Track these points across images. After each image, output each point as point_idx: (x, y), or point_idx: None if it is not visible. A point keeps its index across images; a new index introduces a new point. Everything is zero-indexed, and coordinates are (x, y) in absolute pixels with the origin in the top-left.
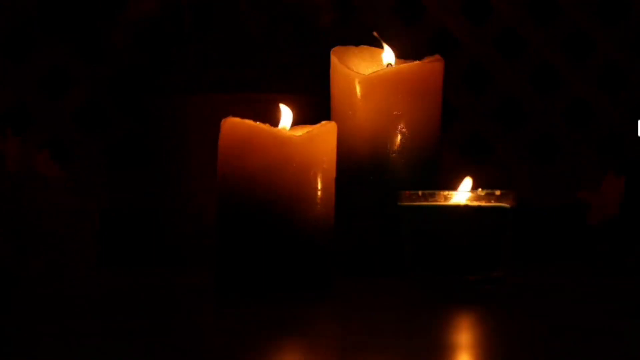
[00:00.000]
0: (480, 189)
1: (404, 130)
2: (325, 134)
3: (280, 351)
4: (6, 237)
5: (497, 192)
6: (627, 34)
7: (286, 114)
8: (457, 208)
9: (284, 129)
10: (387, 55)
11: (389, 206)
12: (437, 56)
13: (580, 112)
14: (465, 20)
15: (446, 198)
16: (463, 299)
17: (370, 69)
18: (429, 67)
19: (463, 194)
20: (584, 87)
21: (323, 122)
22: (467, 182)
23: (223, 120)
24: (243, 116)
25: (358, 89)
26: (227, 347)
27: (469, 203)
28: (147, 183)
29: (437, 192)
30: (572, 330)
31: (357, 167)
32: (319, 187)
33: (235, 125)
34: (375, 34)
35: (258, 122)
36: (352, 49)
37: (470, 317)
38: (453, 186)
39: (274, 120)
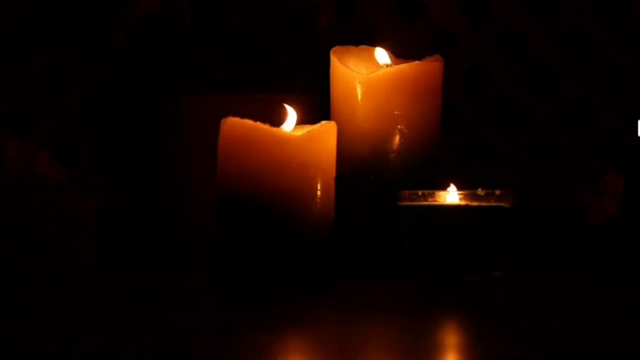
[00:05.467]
0: (480, 189)
1: (404, 130)
2: (325, 133)
3: (279, 351)
4: (6, 237)
5: (497, 192)
6: (627, 34)
7: (292, 114)
8: (457, 208)
9: (284, 128)
10: (380, 55)
11: (389, 206)
12: (437, 56)
13: (580, 112)
14: (465, 20)
15: (446, 198)
16: (463, 299)
17: (370, 69)
18: (429, 67)
19: (463, 193)
20: (584, 87)
21: (323, 122)
22: (452, 189)
23: (223, 120)
24: (243, 116)
25: (358, 88)
26: (227, 347)
27: (469, 203)
28: (146, 183)
29: (437, 192)
30: (572, 330)
31: (357, 167)
32: (319, 186)
33: (235, 125)
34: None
35: (258, 122)
36: (352, 49)
37: (469, 317)
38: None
39: (274, 120)
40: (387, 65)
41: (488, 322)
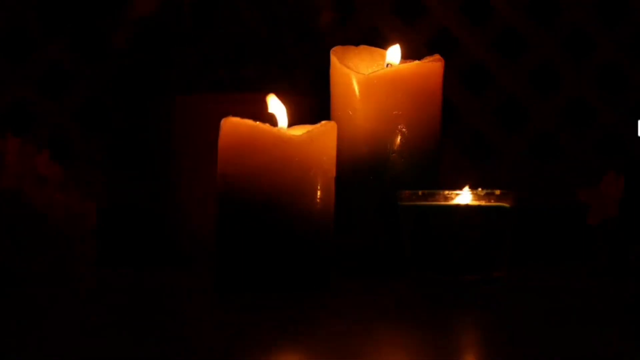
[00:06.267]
0: (480, 189)
1: (404, 130)
2: (325, 134)
3: (279, 351)
4: (6, 237)
5: (497, 192)
6: (627, 34)
7: (278, 109)
8: (457, 208)
9: (284, 128)
10: (393, 54)
11: (389, 206)
12: (437, 56)
13: (580, 112)
14: (465, 20)
15: (446, 198)
16: (463, 299)
17: (370, 69)
18: (429, 67)
19: (463, 193)
20: (584, 87)
21: (323, 122)
22: (466, 189)
23: (223, 120)
24: (243, 116)
25: (358, 88)
26: (227, 347)
27: (469, 203)
28: (146, 182)
29: (437, 192)
30: (572, 331)
31: (357, 166)
32: (319, 186)
33: (235, 125)
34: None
35: (258, 122)
36: (352, 49)
37: (470, 317)
38: (453, 186)
39: (274, 121)
40: (387, 65)
41: (488, 322)
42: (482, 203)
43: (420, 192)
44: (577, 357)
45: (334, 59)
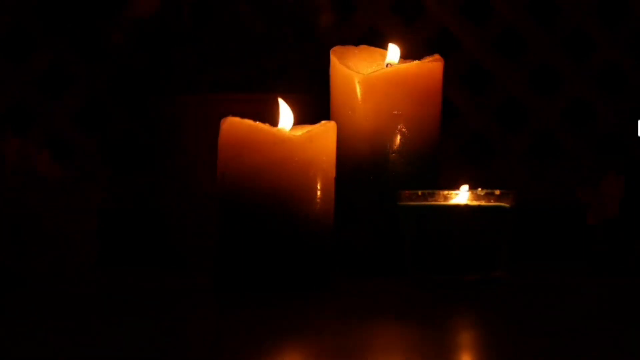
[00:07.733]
0: (480, 189)
1: (403, 130)
2: (325, 133)
3: (279, 351)
4: (7, 237)
5: (497, 192)
6: (627, 34)
7: (285, 111)
8: (457, 208)
9: (284, 128)
10: (392, 54)
11: (389, 206)
12: (437, 56)
13: (580, 112)
14: (465, 20)
15: (446, 198)
16: (463, 299)
17: (369, 68)
18: (429, 67)
19: (463, 193)
20: (584, 87)
21: (323, 122)
22: (464, 188)
23: (223, 120)
24: (243, 116)
25: (358, 88)
26: (226, 347)
27: (469, 203)
28: (146, 183)
29: (437, 191)
30: (572, 331)
31: (356, 166)
32: (319, 186)
33: (235, 125)
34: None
35: (258, 122)
36: (352, 48)
37: (469, 317)
38: (453, 186)
39: (274, 120)
40: (387, 65)
41: (488, 322)
42: (482, 203)
43: (420, 192)
44: (577, 357)
45: (334, 59)
